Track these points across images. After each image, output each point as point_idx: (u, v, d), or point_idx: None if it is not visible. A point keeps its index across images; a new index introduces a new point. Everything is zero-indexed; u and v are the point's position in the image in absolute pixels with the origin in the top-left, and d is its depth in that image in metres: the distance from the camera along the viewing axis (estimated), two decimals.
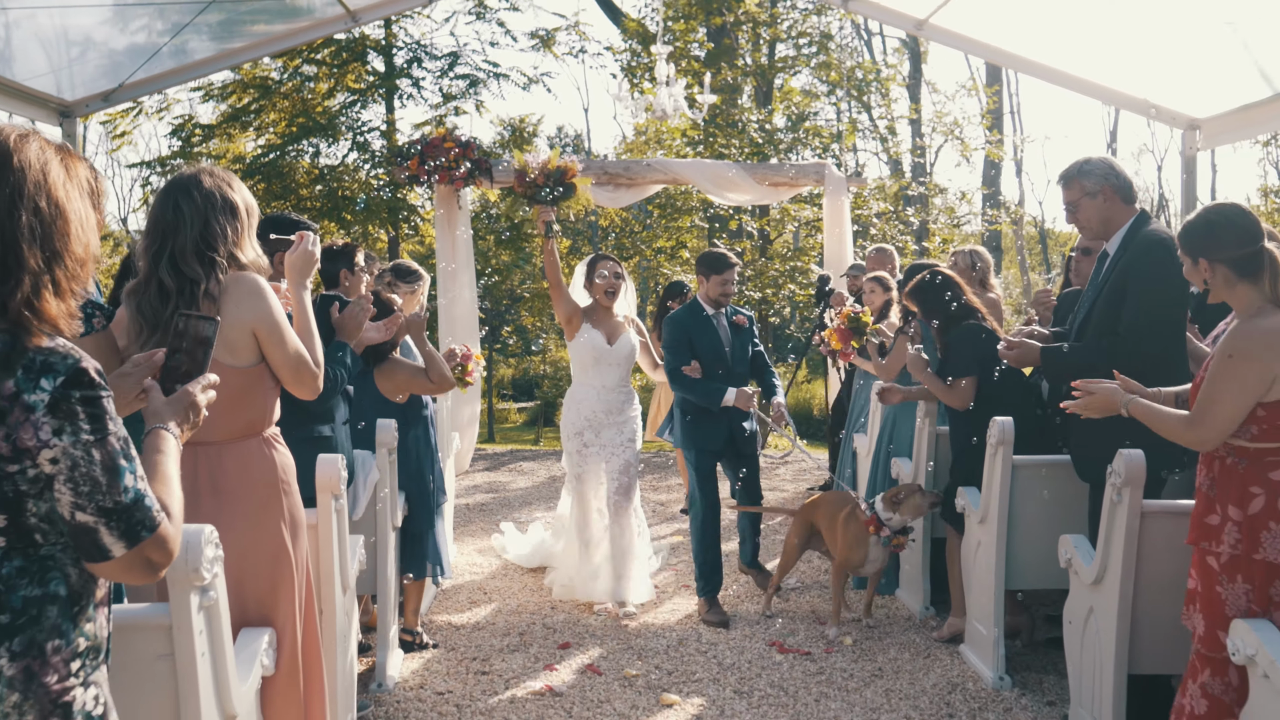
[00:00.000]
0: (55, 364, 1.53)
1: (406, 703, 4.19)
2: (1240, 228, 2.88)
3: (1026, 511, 4.31)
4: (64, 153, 1.71)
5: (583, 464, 5.46)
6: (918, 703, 4.18)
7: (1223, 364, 2.76)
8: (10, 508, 1.52)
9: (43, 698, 1.54)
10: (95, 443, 1.53)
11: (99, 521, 1.53)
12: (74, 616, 1.59)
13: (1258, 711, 2.64)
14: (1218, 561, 2.77)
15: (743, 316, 5.50)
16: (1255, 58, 6.25)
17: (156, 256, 2.62)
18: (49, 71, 6.78)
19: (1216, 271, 2.87)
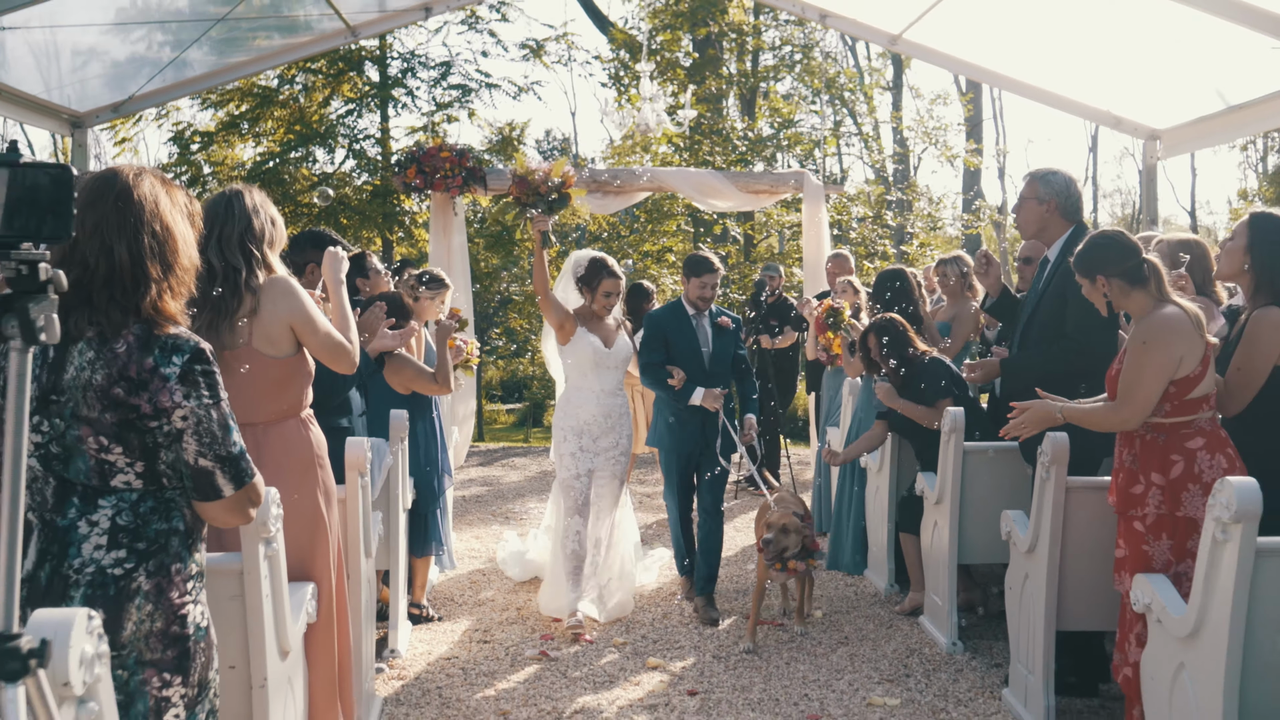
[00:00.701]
0: (181, 345, 1.98)
1: (416, 666, 4.63)
2: (1121, 246, 3.39)
3: (976, 493, 4.78)
4: (167, 184, 2.15)
5: (575, 468, 5.27)
6: (878, 665, 4.65)
7: (1137, 352, 3.23)
8: (148, 455, 1.96)
9: (167, 609, 1.99)
10: (213, 405, 1.98)
11: (215, 466, 1.98)
12: (189, 547, 2.04)
13: (1155, 651, 3.10)
14: (1144, 524, 3.24)
15: (727, 319, 5.46)
16: (1209, 73, 6.74)
17: (204, 241, 3.04)
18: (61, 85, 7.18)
19: (1112, 285, 3.36)
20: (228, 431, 2.01)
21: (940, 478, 4.88)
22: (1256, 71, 6.29)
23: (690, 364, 5.30)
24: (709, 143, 14.71)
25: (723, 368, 5.43)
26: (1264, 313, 3.41)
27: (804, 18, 9.41)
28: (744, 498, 8.48)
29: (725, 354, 5.43)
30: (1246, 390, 3.41)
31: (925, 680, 4.46)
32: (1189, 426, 3.24)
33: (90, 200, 2.05)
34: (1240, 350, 3.45)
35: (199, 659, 2.06)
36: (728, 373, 5.47)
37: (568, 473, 5.30)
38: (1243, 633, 2.73)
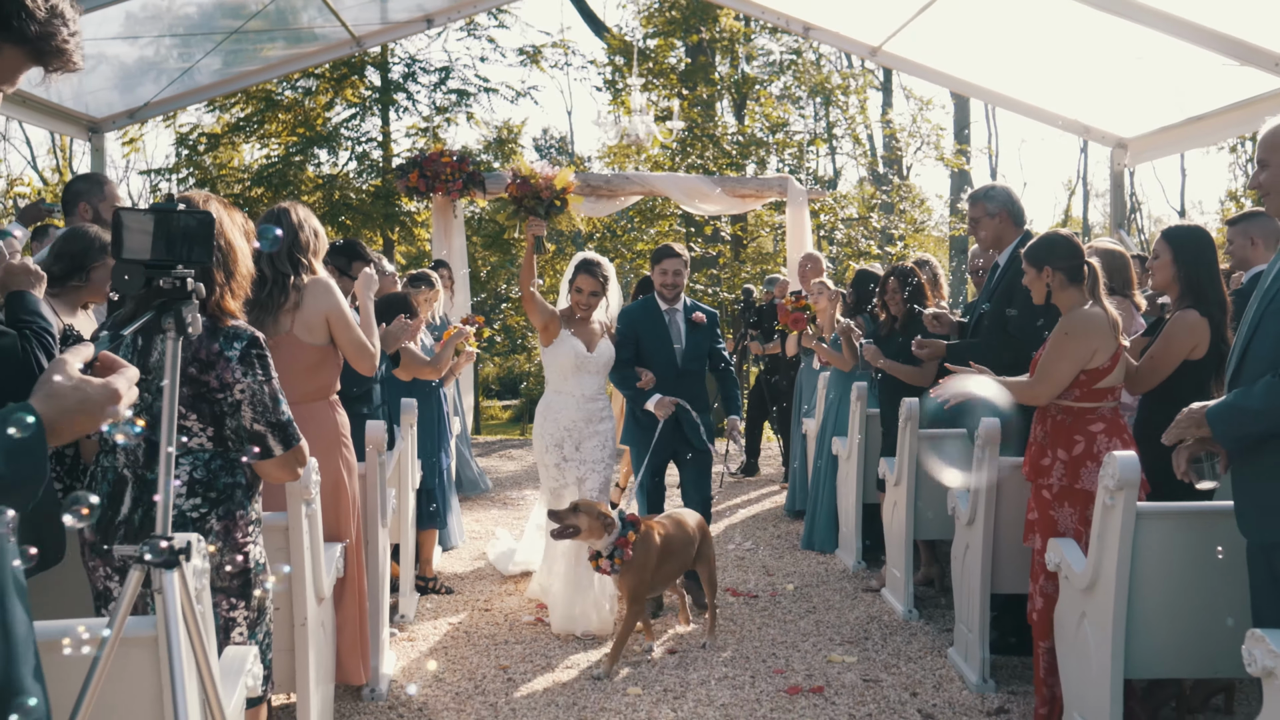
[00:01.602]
0: (241, 333, 2.47)
1: (423, 629, 5.12)
2: (1069, 245, 3.88)
3: (927, 476, 5.27)
4: (228, 206, 2.64)
5: (561, 478, 5.15)
6: (840, 630, 5.15)
7: (1059, 339, 3.73)
8: (216, 422, 2.46)
9: (233, 546, 2.48)
10: (265, 381, 2.47)
11: (268, 431, 2.47)
12: (249, 498, 2.53)
13: (1064, 604, 3.61)
14: (1050, 493, 3.75)
15: (702, 314, 5.40)
16: (1172, 85, 7.23)
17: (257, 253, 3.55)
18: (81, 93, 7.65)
19: (1055, 277, 3.85)
20: (277, 403, 2.50)
21: (898, 461, 5.38)
22: (1212, 86, 6.80)
23: (662, 361, 5.25)
24: (700, 145, 15.22)
25: (698, 365, 5.37)
26: (1183, 314, 3.90)
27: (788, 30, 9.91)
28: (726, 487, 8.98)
29: (699, 350, 5.37)
30: (1154, 376, 3.90)
31: (882, 642, 4.96)
32: (1093, 413, 3.74)
33: None
34: (1157, 343, 3.95)
35: (258, 589, 2.55)
36: (703, 370, 5.42)
37: (554, 483, 5.17)
38: (1128, 582, 3.23)
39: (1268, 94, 6.45)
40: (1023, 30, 7.37)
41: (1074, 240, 3.95)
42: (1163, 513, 3.29)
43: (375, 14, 9.35)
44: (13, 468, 1.35)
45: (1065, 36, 7.17)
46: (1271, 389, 2.77)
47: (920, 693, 4.30)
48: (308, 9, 8.68)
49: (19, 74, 1.49)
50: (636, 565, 4.47)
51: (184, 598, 1.67)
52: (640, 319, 5.35)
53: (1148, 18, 6.23)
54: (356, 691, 4.16)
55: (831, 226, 15.88)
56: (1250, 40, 6.03)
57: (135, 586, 1.69)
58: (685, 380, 5.30)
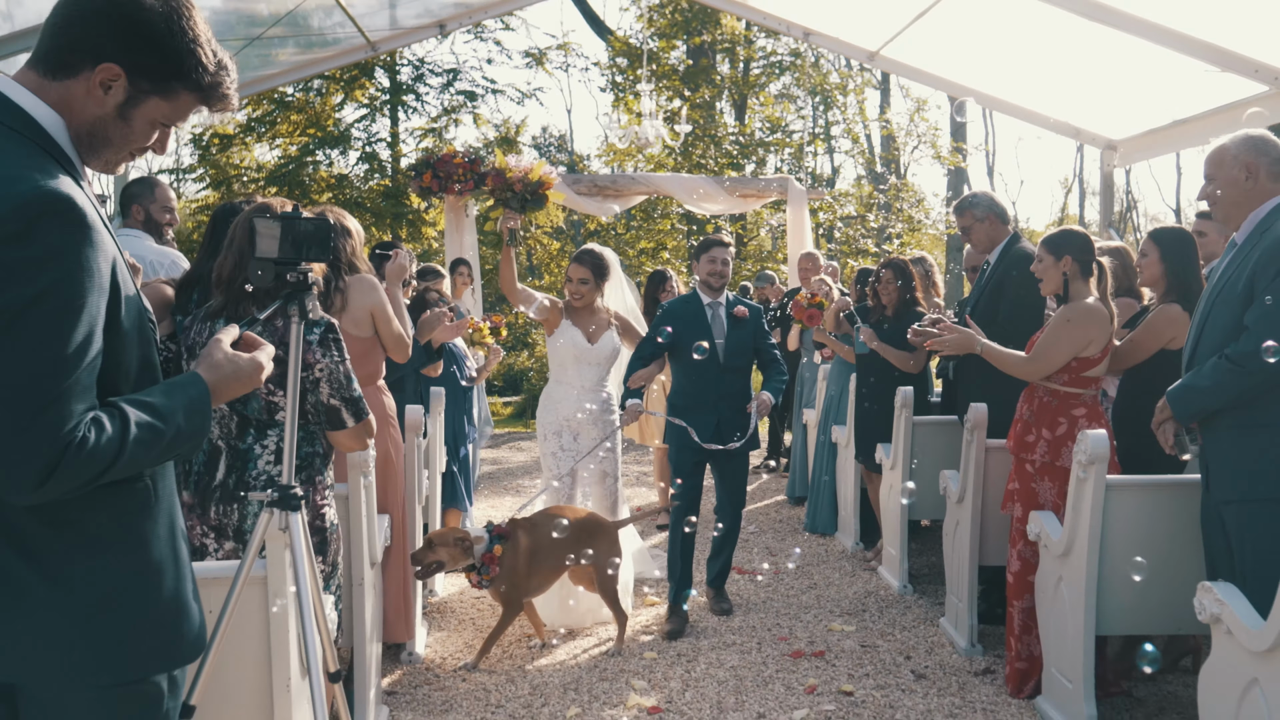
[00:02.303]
0: (319, 320, 2.83)
1: (451, 599, 5.49)
2: (1086, 240, 4.22)
3: (924, 459, 5.64)
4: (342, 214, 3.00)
5: (557, 468, 5.20)
6: (840, 603, 5.52)
7: (1060, 324, 4.08)
8: (299, 398, 2.82)
9: (312, 508, 2.85)
10: (340, 362, 2.82)
11: (342, 405, 2.83)
12: (326, 465, 2.90)
13: (1044, 570, 3.97)
14: (1033, 467, 4.11)
15: (744, 308, 5.19)
16: (1158, 90, 7.58)
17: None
18: None
19: (1073, 267, 4.16)
20: (350, 380, 2.86)
21: (894, 447, 5.75)
22: (1196, 91, 7.14)
23: (701, 355, 4.99)
24: (702, 145, 15.59)
25: (741, 361, 5.16)
26: (1166, 307, 4.25)
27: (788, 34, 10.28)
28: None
29: (742, 345, 5.16)
30: (1132, 358, 4.26)
31: (878, 613, 5.33)
32: (1077, 398, 4.10)
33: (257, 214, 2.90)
34: (1140, 329, 4.31)
35: (333, 546, 2.91)
36: (747, 367, 5.23)
37: (552, 472, 5.23)
38: (1099, 547, 3.60)
39: (1248, 98, 6.79)
40: (1016, 36, 7.69)
41: (1089, 237, 4.31)
42: (1129, 484, 3.67)
43: (391, 20, 9.70)
44: (190, 422, 1.71)
45: (1056, 43, 7.49)
46: (1218, 369, 3.15)
47: (914, 656, 4.67)
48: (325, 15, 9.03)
49: (189, 114, 1.84)
50: (505, 574, 4.45)
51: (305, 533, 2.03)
52: (681, 312, 5.12)
53: (1134, 26, 6.56)
54: (395, 655, 4.53)
55: (830, 225, 16.25)
56: (1230, 48, 6.37)
57: (264, 528, 2.06)
58: (728, 377, 5.08)
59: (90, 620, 1.63)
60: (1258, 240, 3.23)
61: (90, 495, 1.60)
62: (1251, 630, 2.77)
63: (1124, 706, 4.06)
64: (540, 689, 4.28)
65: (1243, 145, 3.31)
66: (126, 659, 1.67)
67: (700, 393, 5.07)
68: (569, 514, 4.73)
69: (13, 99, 1.63)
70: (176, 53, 1.70)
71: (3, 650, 1.60)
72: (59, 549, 1.61)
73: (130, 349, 1.69)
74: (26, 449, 1.49)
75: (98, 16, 1.65)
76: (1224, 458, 3.22)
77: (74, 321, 1.54)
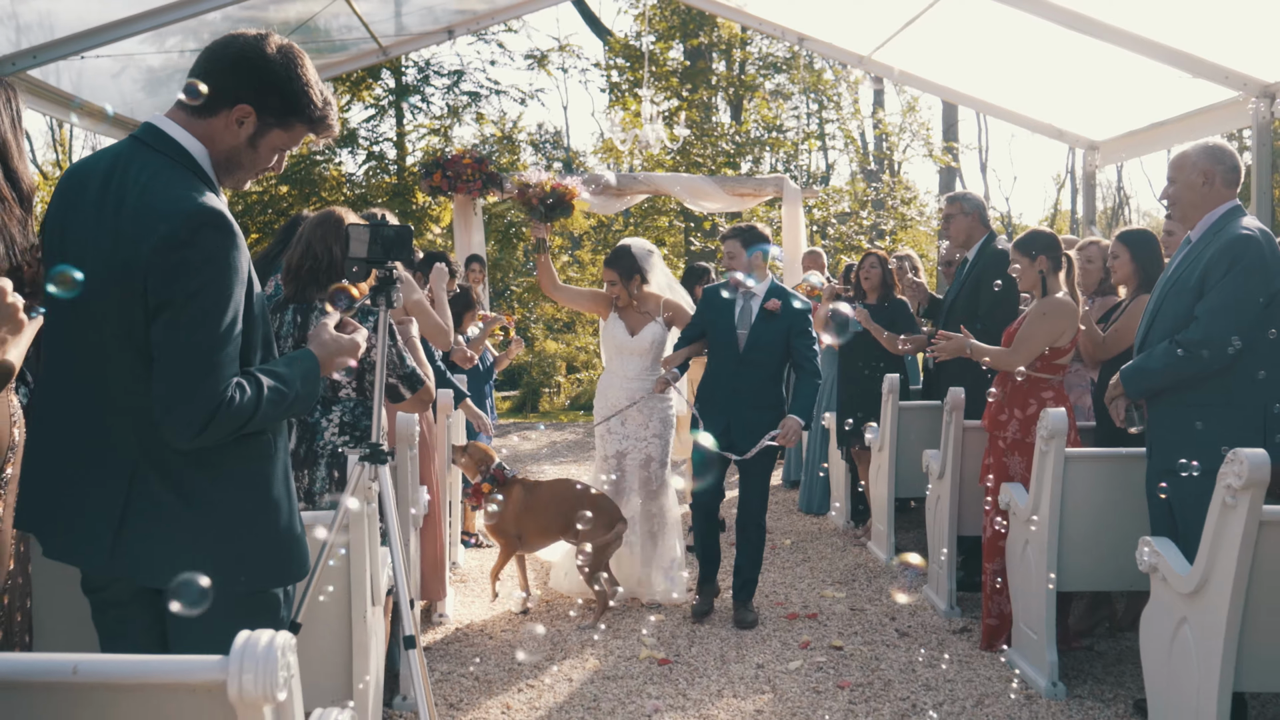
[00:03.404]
0: (372, 311, 3.26)
1: (471, 574, 5.94)
2: (1054, 239, 4.68)
3: (908, 440, 6.09)
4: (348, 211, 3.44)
5: (604, 449, 5.45)
6: (831, 573, 5.98)
7: (1037, 318, 4.52)
8: (359, 376, 3.27)
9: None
10: (392, 345, 3.26)
11: (399, 381, 3.27)
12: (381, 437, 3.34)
13: (1013, 536, 4.43)
14: (1005, 443, 4.57)
15: (777, 302, 5.02)
16: (1136, 94, 8.02)
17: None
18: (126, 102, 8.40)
19: (1046, 265, 4.61)
20: (403, 360, 3.30)
21: (881, 428, 6.21)
22: (1171, 95, 7.58)
23: (722, 343, 5.06)
24: (699, 144, 16.02)
25: (763, 355, 5.01)
26: (1141, 299, 4.70)
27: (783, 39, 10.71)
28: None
29: (770, 340, 5.00)
30: (1116, 348, 4.72)
31: (867, 582, 5.79)
32: (1046, 382, 4.56)
33: (321, 220, 3.34)
34: (1120, 321, 4.76)
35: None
36: (772, 363, 5.05)
37: (599, 453, 5.54)
38: (1060, 512, 4.05)
39: (1219, 103, 7.24)
40: (1002, 42, 8.11)
41: (1056, 237, 4.78)
42: (1085, 456, 4.12)
43: (401, 26, 10.12)
44: (305, 387, 2.15)
45: (1040, 49, 7.91)
46: (1166, 352, 3.60)
47: (898, 618, 5.13)
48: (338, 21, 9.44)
49: (302, 140, 2.27)
50: (497, 515, 5.00)
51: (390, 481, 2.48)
52: (713, 300, 5.13)
53: (1112, 35, 6.98)
54: (426, 616, 4.98)
55: (824, 221, 16.70)
56: (1202, 55, 6.80)
57: (356, 480, 2.50)
58: (745, 369, 5.00)
59: (225, 541, 2.07)
60: (1211, 239, 3.67)
61: (228, 444, 2.05)
62: (1180, 575, 3.23)
63: (1086, 660, 4.51)
64: (560, 643, 4.74)
65: (1202, 153, 3.75)
66: (253, 572, 2.11)
67: (715, 384, 5.10)
68: (577, 489, 5.14)
69: (171, 135, 2.08)
70: (294, 94, 2.14)
71: (158, 562, 2.04)
72: (203, 485, 2.06)
73: (257, 329, 2.13)
74: (192, 406, 1.94)
75: (234, 67, 2.10)
76: (1165, 432, 3.67)
77: (225, 308, 1.98)
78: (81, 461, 2.07)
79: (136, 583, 2.08)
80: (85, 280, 1.90)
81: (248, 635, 1.60)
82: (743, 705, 4.05)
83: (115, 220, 2.00)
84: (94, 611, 2.19)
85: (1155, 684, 3.43)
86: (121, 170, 2.05)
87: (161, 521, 2.04)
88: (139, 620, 2.14)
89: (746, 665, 4.48)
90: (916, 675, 4.34)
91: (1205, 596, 3.13)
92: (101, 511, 2.03)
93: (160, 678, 1.62)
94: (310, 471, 3.24)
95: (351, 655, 2.79)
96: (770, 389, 5.05)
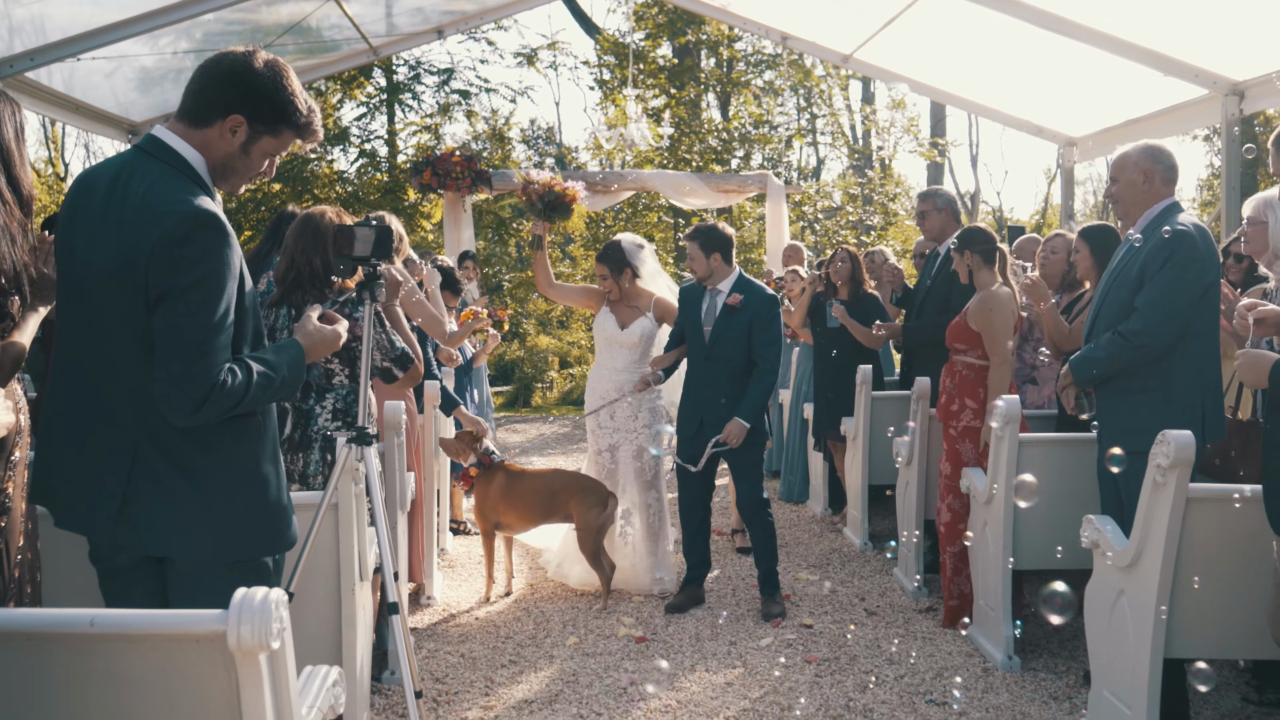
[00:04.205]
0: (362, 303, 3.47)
1: (459, 558, 6.15)
2: (985, 234, 4.90)
3: (880, 430, 6.31)
4: (340, 214, 3.64)
5: (596, 443, 5.55)
6: (807, 557, 6.20)
7: (989, 318, 4.73)
8: (351, 363, 3.47)
9: None
10: (382, 332, 3.47)
11: (391, 364, 3.47)
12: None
13: (974, 517, 4.65)
14: (956, 431, 4.78)
15: (737, 296, 5.07)
16: (1111, 92, 8.23)
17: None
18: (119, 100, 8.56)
19: (974, 258, 4.86)
20: (393, 344, 3.50)
21: (855, 420, 6.42)
22: (1145, 93, 7.79)
23: (693, 341, 5.18)
24: (687, 141, 16.22)
25: (732, 350, 5.05)
26: None
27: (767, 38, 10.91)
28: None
29: (732, 337, 5.05)
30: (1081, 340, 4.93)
31: (840, 566, 6.01)
32: (986, 371, 4.78)
33: (300, 230, 3.54)
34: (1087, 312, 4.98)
35: None
36: (738, 359, 5.07)
37: (592, 447, 5.64)
38: (1013, 494, 4.27)
39: (1190, 101, 7.46)
40: (980, 41, 8.28)
41: (988, 231, 4.99)
42: (1038, 441, 4.35)
43: (391, 26, 10.29)
44: (291, 373, 2.36)
45: (1018, 48, 8.08)
46: (1111, 342, 3.82)
47: (867, 598, 5.35)
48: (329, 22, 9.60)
49: (289, 146, 2.47)
50: (479, 498, 5.27)
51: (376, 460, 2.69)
52: (688, 299, 5.25)
53: (1086, 34, 7.15)
54: (415, 599, 5.19)
55: (812, 217, 16.91)
56: (1172, 55, 6.99)
57: (344, 461, 2.72)
58: (713, 365, 5.08)
59: (218, 513, 2.28)
60: (1150, 235, 3.88)
61: (221, 424, 2.26)
62: (1119, 550, 3.45)
63: (1043, 636, 4.73)
64: (543, 623, 4.96)
65: (1142, 153, 3.97)
66: (243, 542, 2.32)
67: (690, 381, 5.20)
68: (562, 475, 5.40)
69: (171, 145, 2.29)
70: (281, 103, 2.35)
71: (159, 532, 2.25)
72: (199, 461, 2.26)
73: (249, 321, 2.34)
74: (188, 387, 2.15)
75: (226, 82, 2.30)
76: (1111, 416, 3.89)
77: (218, 300, 2.19)
78: (89, 439, 2.28)
79: (140, 551, 2.28)
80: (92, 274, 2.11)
81: (245, 591, 1.81)
82: (714, 678, 4.27)
83: (120, 220, 2.21)
84: (100, 579, 2.40)
85: (1097, 652, 3.65)
86: (126, 177, 2.26)
87: (162, 494, 2.24)
88: (141, 587, 2.35)
89: (720, 643, 4.69)
90: (881, 650, 4.56)
91: (1139, 569, 3.35)
92: (107, 485, 2.24)
93: (167, 629, 1.83)
94: (304, 455, 3.45)
95: (341, 626, 3.00)
96: (740, 384, 5.06)
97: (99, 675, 1.86)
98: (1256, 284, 4.43)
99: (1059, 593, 3.19)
